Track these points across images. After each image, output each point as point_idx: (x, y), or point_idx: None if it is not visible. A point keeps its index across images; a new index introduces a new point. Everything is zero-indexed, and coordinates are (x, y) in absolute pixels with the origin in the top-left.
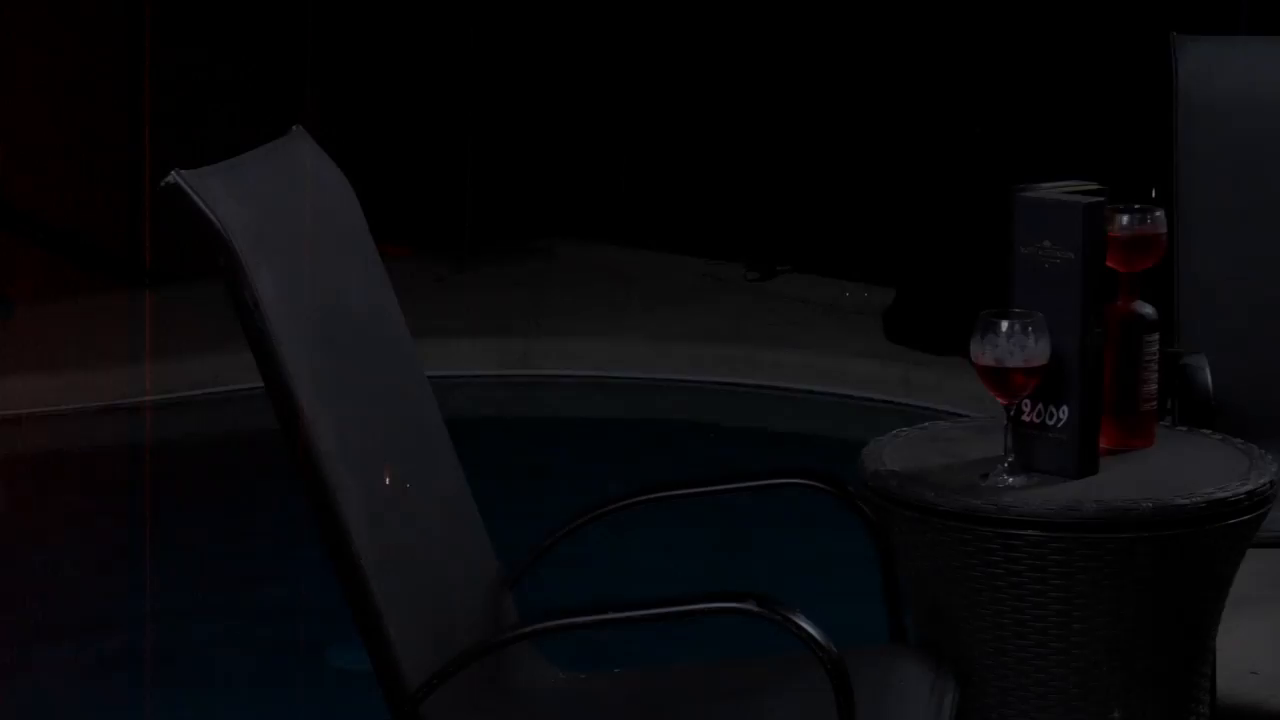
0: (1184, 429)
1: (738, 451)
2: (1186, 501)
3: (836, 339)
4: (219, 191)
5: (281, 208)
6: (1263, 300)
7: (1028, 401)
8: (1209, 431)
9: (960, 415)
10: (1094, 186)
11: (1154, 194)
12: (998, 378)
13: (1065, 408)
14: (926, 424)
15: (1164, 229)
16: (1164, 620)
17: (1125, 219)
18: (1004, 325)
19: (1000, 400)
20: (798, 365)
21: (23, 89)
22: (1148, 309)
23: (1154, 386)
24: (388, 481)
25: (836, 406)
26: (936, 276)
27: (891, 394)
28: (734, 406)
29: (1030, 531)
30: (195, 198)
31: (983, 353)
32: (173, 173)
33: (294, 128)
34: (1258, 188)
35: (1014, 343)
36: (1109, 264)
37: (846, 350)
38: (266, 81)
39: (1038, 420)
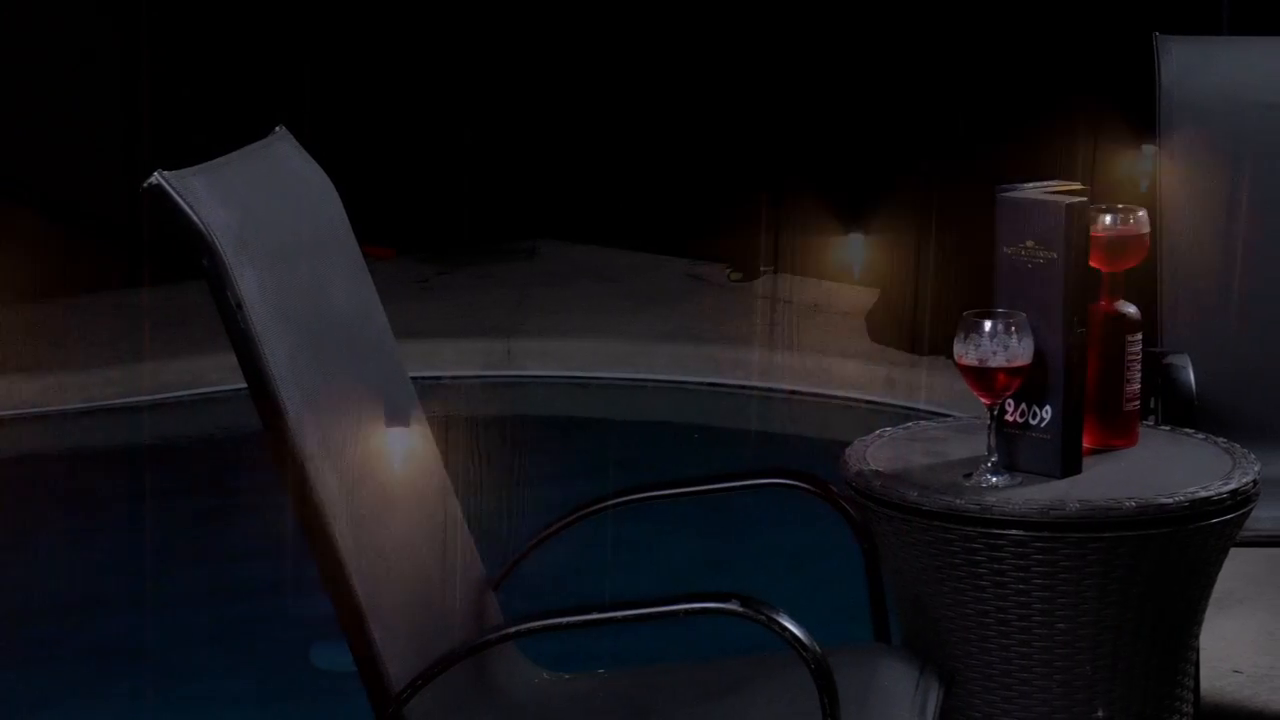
0: (1167, 428)
1: (721, 452)
2: (1169, 501)
3: (820, 339)
4: (202, 192)
5: (265, 209)
6: (1245, 300)
7: (1011, 401)
8: (1192, 431)
9: (943, 415)
10: (1077, 186)
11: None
12: (981, 378)
13: (1048, 407)
14: (910, 424)
15: (1147, 229)
16: (1147, 619)
17: (1108, 219)
18: (987, 325)
19: (983, 400)
20: (781, 365)
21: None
22: (1131, 309)
23: (1137, 386)
24: None
25: (820, 407)
26: (919, 277)
27: (875, 394)
28: (717, 407)
29: (1014, 531)
30: (178, 199)
31: (966, 353)
32: (155, 173)
33: (277, 128)
34: (1238, 187)
35: (997, 343)
36: (1092, 264)
37: (830, 350)
38: (250, 81)
39: (1021, 420)
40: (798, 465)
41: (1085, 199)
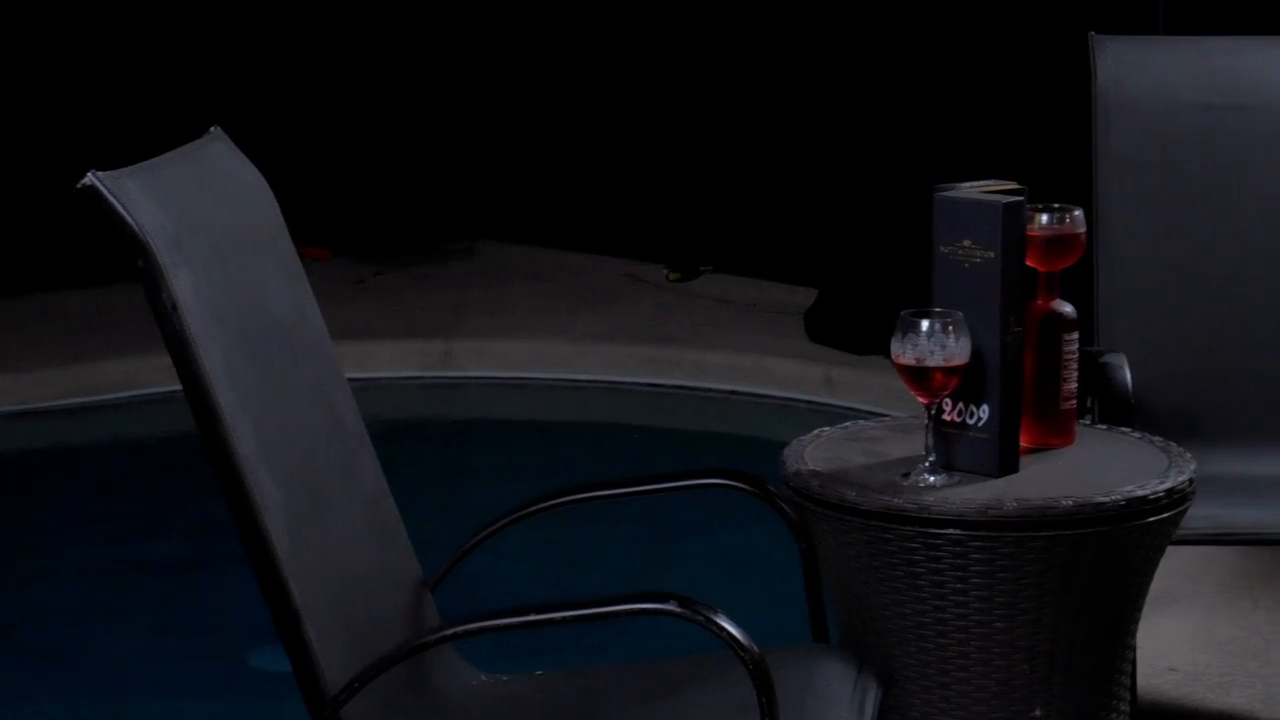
0: (1104, 427)
1: (660, 452)
2: (1106, 499)
3: (758, 339)
4: (136, 193)
5: (200, 210)
6: (1181, 299)
7: (949, 400)
8: (1128, 430)
9: (882, 415)
10: (1014, 186)
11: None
12: (918, 377)
13: (986, 407)
14: (848, 423)
15: (1083, 228)
16: (1084, 617)
17: (1045, 218)
18: (924, 324)
19: (921, 399)
20: (719, 365)
21: None
22: (1067, 308)
23: (1074, 385)
24: None
25: (758, 406)
26: (858, 276)
27: (813, 394)
28: (656, 407)
29: (951, 530)
30: (112, 200)
31: (903, 352)
32: (89, 174)
33: (212, 129)
34: (1175, 187)
35: (934, 342)
36: (1029, 263)
37: (768, 350)
38: (183, 82)
39: (958, 419)
40: (736, 465)
41: (1022, 198)
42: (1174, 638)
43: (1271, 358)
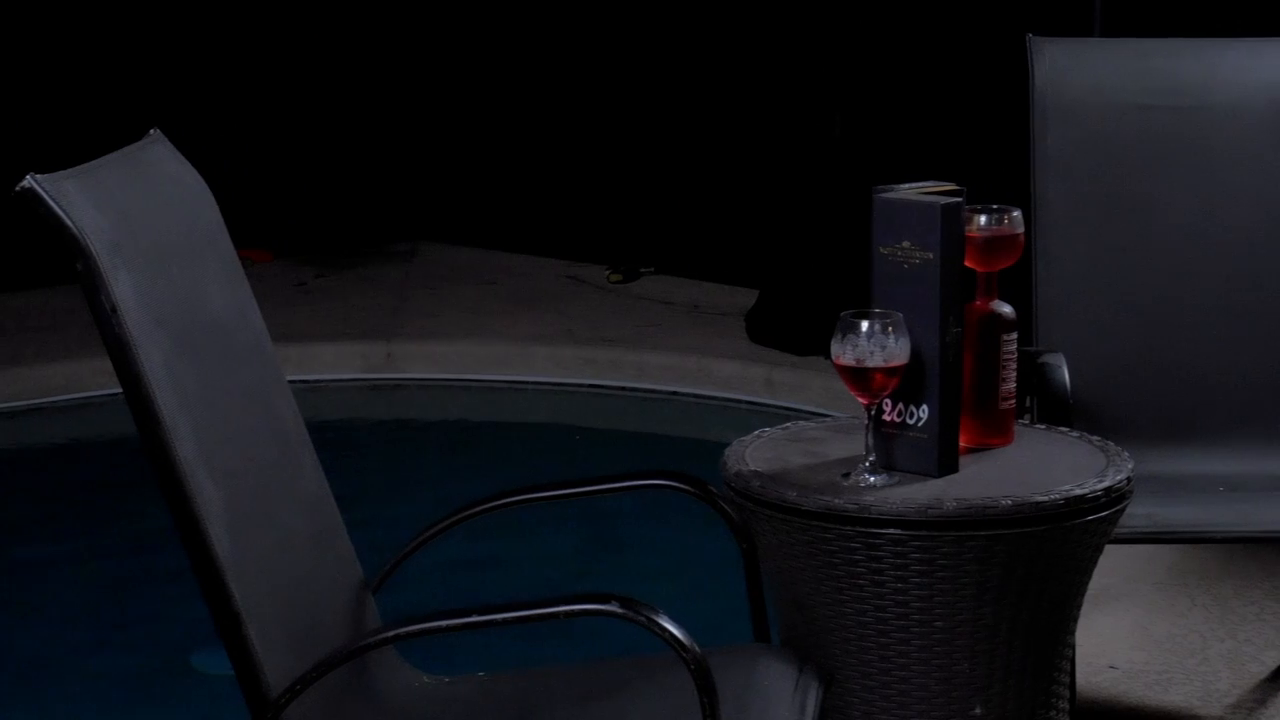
0: (1042, 427)
1: (602, 453)
2: (1045, 499)
3: (699, 340)
4: (75, 196)
5: (140, 212)
6: (1119, 299)
7: (888, 401)
8: (1067, 429)
9: (822, 415)
10: (952, 187)
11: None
12: (858, 378)
13: (925, 407)
14: (789, 424)
15: (1021, 229)
16: (1024, 616)
17: (983, 219)
18: (864, 325)
19: (861, 400)
20: (661, 367)
21: None
22: (1006, 308)
23: (1013, 385)
24: None
25: (700, 407)
26: (798, 277)
27: (754, 394)
28: (597, 408)
29: (891, 530)
30: (51, 202)
31: (843, 353)
32: (28, 177)
33: (152, 131)
34: (1112, 188)
35: (874, 343)
36: (967, 264)
37: (709, 351)
38: (123, 84)
39: (898, 419)
40: (678, 466)
41: (960, 200)
42: (1113, 636)
43: (1208, 358)
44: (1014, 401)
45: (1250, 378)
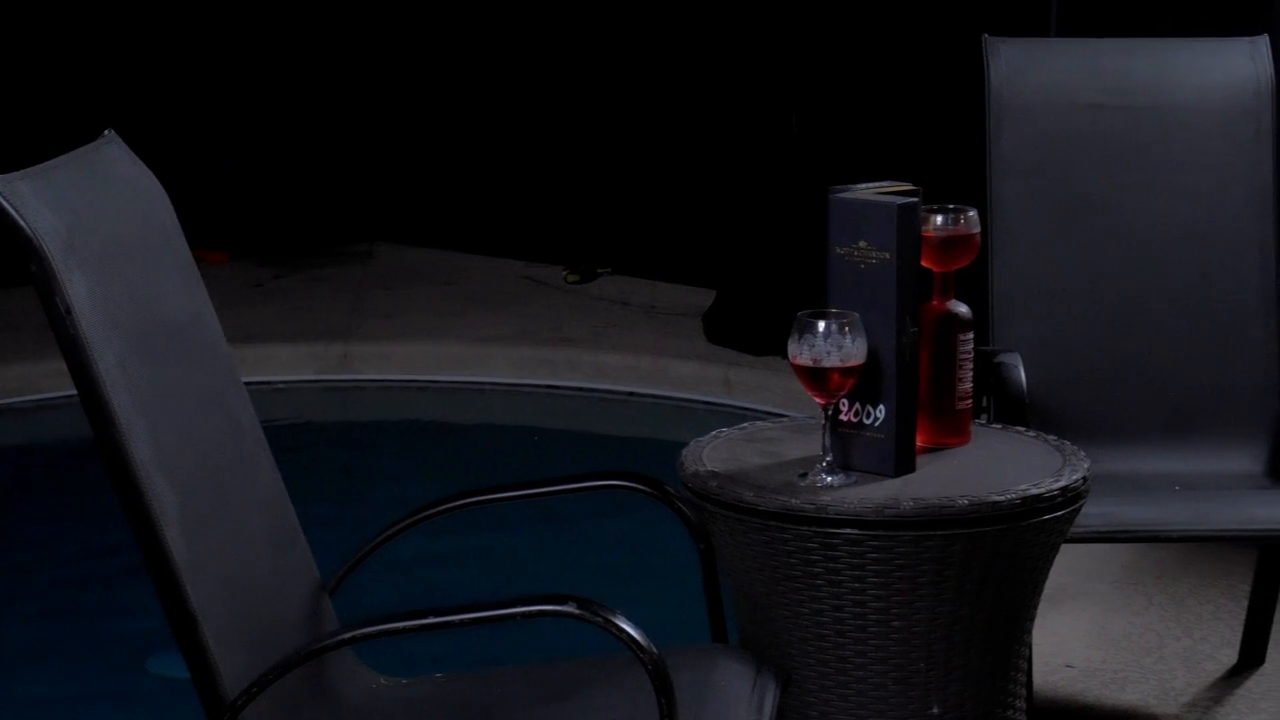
0: (999, 426)
1: (560, 453)
2: (1002, 498)
3: (656, 341)
4: (29, 197)
5: (94, 213)
6: (1075, 299)
7: (845, 401)
8: (1023, 429)
9: (780, 415)
10: (908, 187)
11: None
12: (815, 378)
13: (882, 407)
14: (746, 424)
15: (977, 229)
16: (981, 615)
17: (939, 219)
18: (821, 325)
19: (818, 400)
20: (618, 367)
21: None
22: (962, 308)
23: (969, 385)
24: None
25: (657, 408)
26: (755, 277)
27: (711, 395)
28: (555, 409)
29: (848, 530)
30: (5, 204)
31: (800, 353)
32: None
33: (106, 132)
34: (1066, 188)
35: (831, 343)
36: (924, 264)
37: (667, 352)
38: (78, 85)
39: (855, 419)
40: (635, 467)
41: (917, 200)
42: (1069, 635)
43: (1163, 357)
44: (971, 401)
45: (1205, 377)
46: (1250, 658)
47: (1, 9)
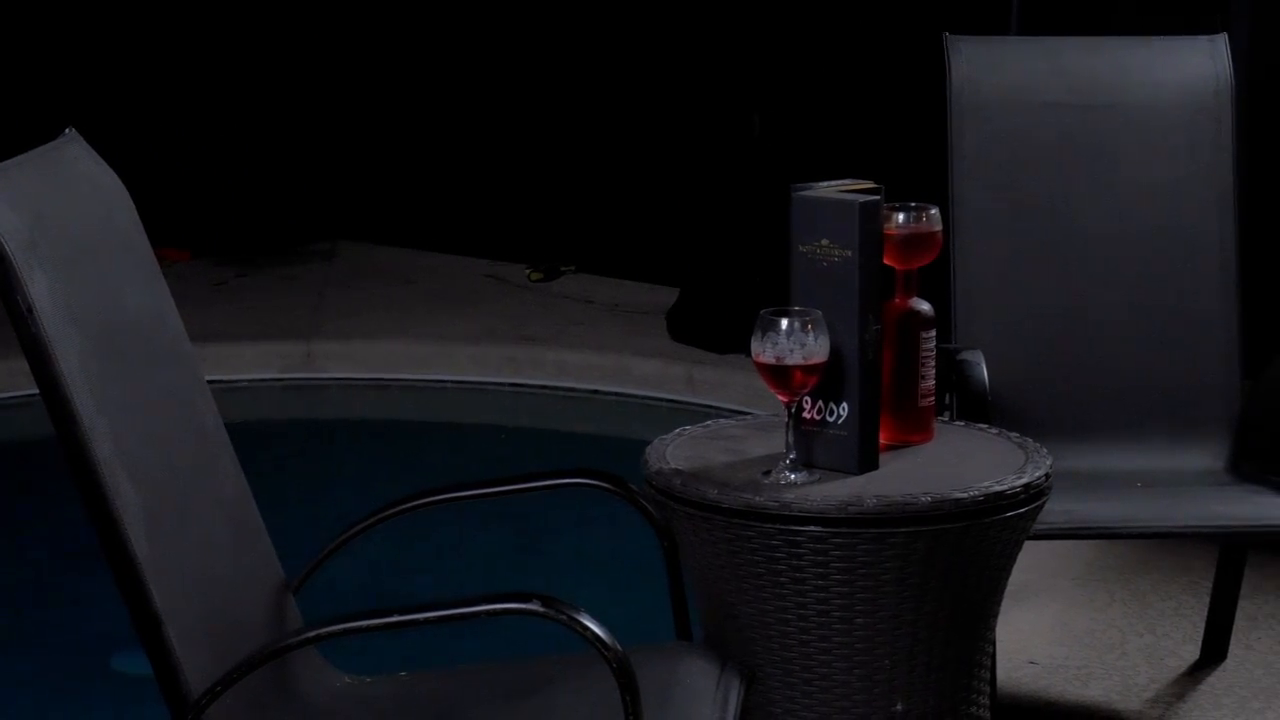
0: (962, 424)
1: (523, 452)
2: (964, 495)
3: (620, 339)
4: None
5: (55, 212)
6: (1036, 296)
7: (808, 399)
8: (986, 426)
9: (743, 413)
10: (870, 185)
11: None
12: (778, 375)
13: (845, 404)
14: (709, 422)
15: (939, 227)
16: (944, 612)
17: (901, 217)
18: (784, 323)
19: (781, 398)
20: (581, 365)
21: None
22: (925, 306)
23: (932, 382)
24: None
25: (620, 406)
26: (718, 275)
27: (675, 393)
28: (518, 407)
29: (812, 527)
30: None
31: (763, 351)
32: None
33: (67, 130)
34: (1027, 186)
35: (794, 340)
36: (886, 261)
37: (630, 349)
38: (38, 83)
39: (818, 417)
40: (599, 465)
41: (879, 197)
42: (1033, 631)
43: (1125, 355)
44: (933, 399)
45: (1166, 375)
46: (1212, 653)
47: None
